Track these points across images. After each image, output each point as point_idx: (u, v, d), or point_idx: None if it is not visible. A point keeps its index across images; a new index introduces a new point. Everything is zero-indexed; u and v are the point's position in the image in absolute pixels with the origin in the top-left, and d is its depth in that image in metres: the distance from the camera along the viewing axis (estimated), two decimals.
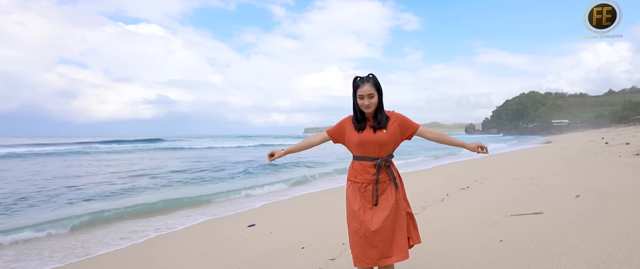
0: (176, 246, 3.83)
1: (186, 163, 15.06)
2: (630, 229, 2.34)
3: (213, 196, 7.03)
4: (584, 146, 13.07)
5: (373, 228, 1.65)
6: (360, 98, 1.72)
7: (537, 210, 3.31)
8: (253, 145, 32.62)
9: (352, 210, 1.73)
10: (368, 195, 1.73)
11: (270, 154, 1.86)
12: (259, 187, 8.04)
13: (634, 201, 3.12)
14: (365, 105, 1.71)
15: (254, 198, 6.90)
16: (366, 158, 1.74)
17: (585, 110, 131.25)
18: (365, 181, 1.73)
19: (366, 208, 1.72)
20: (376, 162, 1.72)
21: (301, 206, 5.71)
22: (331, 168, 12.67)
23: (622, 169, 5.32)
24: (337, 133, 1.85)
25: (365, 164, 1.74)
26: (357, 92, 1.73)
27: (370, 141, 1.71)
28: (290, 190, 7.73)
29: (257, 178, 10.07)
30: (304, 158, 18.28)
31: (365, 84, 1.71)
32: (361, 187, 1.74)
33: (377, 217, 1.69)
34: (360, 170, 1.75)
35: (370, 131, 1.73)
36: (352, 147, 1.80)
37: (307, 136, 1.94)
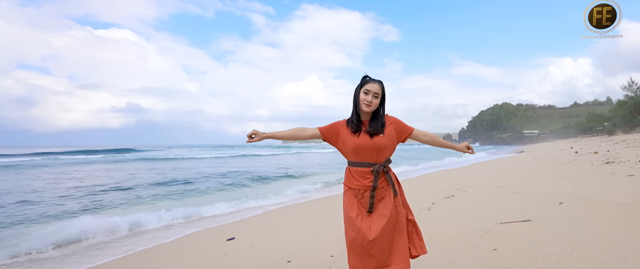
0: (147, 265, 3.52)
1: (159, 174, 14.35)
2: (618, 235, 2.39)
3: (189, 209, 6.67)
4: (556, 156, 13.77)
5: (371, 236, 1.57)
6: (366, 93, 1.65)
7: (524, 217, 3.34)
8: (230, 155, 31.51)
9: (349, 217, 1.65)
10: (366, 202, 1.66)
11: (250, 134, 1.67)
12: (238, 199, 7.75)
13: (616, 207, 3.23)
14: (367, 100, 1.64)
15: (233, 210, 6.61)
16: (363, 164, 1.66)
17: (553, 121, 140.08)
18: (363, 188, 1.66)
19: (364, 216, 1.64)
20: (374, 168, 1.64)
21: (285, 217, 5.52)
22: (316, 178, 12.54)
23: (598, 176, 5.58)
24: (329, 133, 1.75)
25: (362, 170, 1.66)
26: (363, 86, 1.66)
27: (367, 146, 1.64)
28: (273, 201, 7.50)
29: (237, 189, 9.74)
30: (287, 168, 18.02)
31: (375, 82, 1.66)
32: (358, 194, 1.67)
33: (375, 225, 1.61)
34: (357, 175, 1.67)
35: (366, 136, 1.66)
36: (347, 152, 1.71)
37: (293, 128, 1.80)
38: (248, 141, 1.66)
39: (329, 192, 8.48)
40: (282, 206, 6.79)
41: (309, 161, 22.74)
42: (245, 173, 14.60)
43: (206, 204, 6.89)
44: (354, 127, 1.67)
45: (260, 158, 27.92)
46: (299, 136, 1.76)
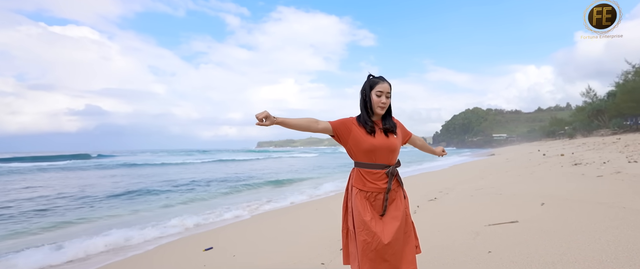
0: None
1: (120, 182, 13.48)
2: (605, 235, 2.48)
3: (159, 217, 6.28)
4: (526, 158, 14.57)
5: (386, 240, 1.52)
6: (378, 94, 1.60)
7: (510, 218, 3.43)
8: (202, 161, 29.91)
9: (363, 220, 1.56)
10: (378, 205, 1.61)
11: (261, 116, 1.43)
12: (212, 207, 7.43)
13: (595, 207, 3.40)
14: (381, 102, 1.60)
15: (210, 217, 6.30)
16: (376, 165, 1.61)
17: (520, 125, 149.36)
18: (376, 190, 1.60)
19: (376, 219, 1.58)
20: (388, 170, 1.61)
21: (267, 224, 5.32)
22: (295, 184, 12.36)
23: (570, 178, 5.92)
24: (341, 130, 1.63)
25: (375, 172, 1.61)
26: (375, 88, 1.60)
27: (384, 146, 1.60)
28: (254, 207, 7.25)
29: (215, 195, 9.35)
30: (264, 174, 17.65)
31: (384, 82, 1.62)
32: (371, 196, 1.61)
33: (388, 228, 1.56)
34: (369, 178, 1.61)
35: (382, 135, 1.61)
36: (358, 152, 1.63)
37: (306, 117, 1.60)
38: (258, 124, 1.44)
39: (310, 197, 8.36)
40: (264, 212, 6.58)
41: (285, 166, 22.47)
42: (219, 179, 14.12)
43: (175, 215, 6.53)
44: (369, 128, 1.61)
45: (234, 163, 27.08)
46: (311, 127, 1.59)
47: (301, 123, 1.57)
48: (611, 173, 5.73)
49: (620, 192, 4.02)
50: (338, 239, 3.65)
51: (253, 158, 34.90)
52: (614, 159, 8.28)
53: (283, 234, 4.36)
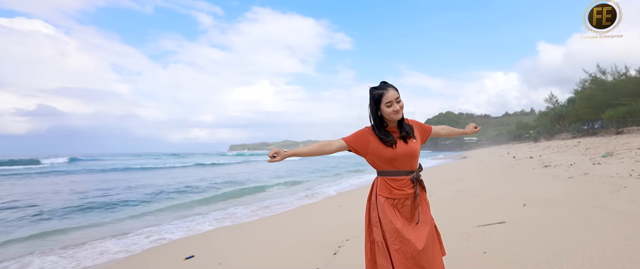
0: None
1: (74, 190, 12.62)
2: (589, 234, 2.66)
3: (130, 227, 5.94)
4: (498, 160, 15.38)
5: (420, 246, 1.52)
6: (389, 105, 1.58)
7: (497, 219, 3.58)
8: (172, 166, 28.24)
9: (395, 228, 1.55)
10: (405, 211, 1.62)
11: (271, 154, 1.54)
12: (196, 212, 7.15)
13: (574, 207, 3.64)
14: (395, 110, 1.58)
15: (190, 225, 6.04)
16: (400, 173, 1.62)
17: (489, 129, 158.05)
18: (403, 196, 1.61)
19: (407, 226, 1.59)
20: (412, 176, 1.62)
21: (255, 229, 5.18)
22: (273, 189, 12.18)
23: (544, 179, 6.31)
24: (357, 143, 1.64)
25: (400, 179, 1.61)
26: (383, 100, 1.58)
27: (405, 154, 1.60)
28: (235, 213, 7.04)
29: (193, 201, 8.98)
30: (237, 178, 17.26)
31: (389, 89, 1.59)
32: (398, 203, 1.61)
33: (420, 234, 1.57)
34: (394, 185, 1.61)
35: (402, 142, 1.62)
36: (381, 162, 1.63)
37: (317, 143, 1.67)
38: (270, 161, 1.55)
39: (291, 203, 8.28)
40: (249, 220, 6.41)
41: (258, 170, 22.13)
42: (195, 184, 13.63)
43: (151, 223, 6.21)
44: (389, 142, 1.60)
45: (203, 168, 26.05)
46: (325, 150, 1.63)
47: (314, 149, 1.62)
48: (580, 175, 6.18)
49: (593, 192, 4.34)
50: (329, 244, 3.63)
51: (234, 162, 34.01)
52: (579, 161, 8.95)
53: (270, 241, 4.27)
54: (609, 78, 30.53)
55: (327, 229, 4.52)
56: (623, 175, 5.49)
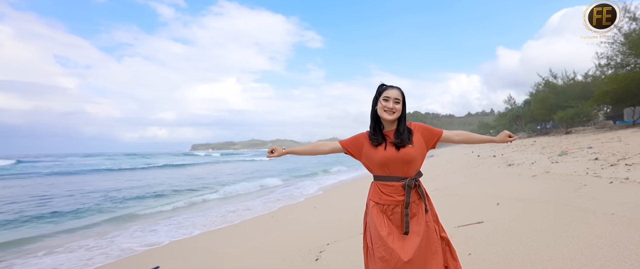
0: None
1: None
2: (565, 232, 2.81)
3: (80, 237, 5.42)
4: (464, 159, 16.19)
5: (405, 257, 1.46)
6: (386, 100, 1.60)
7: (475, 219, 3.69)
8: (131, 167, 25.96)
9: (379, 235, 1.52)
10: (396, 219, 1.56)
11: (270, 150, 1.72)
12: (158, 220, 6.69)
13: (544, 205, 3.85)
14: (389, 107, 1.59)
15: (150, 235, 5.64)
16: (392, 178, 1.57)
17: (452, 128, 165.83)
18: (393, 203, 1.56)
19: (395, 234, 1.53)
20: (405, 183, 1.55)
21: (226, 236, 4.93)
22: (252, 187, 11.84)
23: (510, 178, 6.69)
24: (352, 146, 1.69)
25: (391, 184, 1.57)
26: (382, 95, 1.62)
27: (395, 159, 1.56)
28: (199, 219, 6.70)
29: (153, 208, 8.41)
30: (200, 181, 16.60)
31: (393, 88, 1.63)
32: (388, 209, 1.57)
33: (408, 245, 1.50)
34: (384, 190, 1.58)
35: (392, 148, 1.58)
36: (373, 166, 1.62)
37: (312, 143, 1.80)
38: (268, 157, 1.71)
39: (265, 206, 8.06)
40: (214, 227, 6.11)
41: (217, 172, 21.47)
42: (155, 188, 12.88)
43: (107, 233, 5.72)
44: (376, 140, 1.61)
45: (157, 170, 24.35)
46: (319, 151, 1.74)
47: (309, 149, 1.75)
48: (542, 173, 6.63)
49: (558, 190, 4.64)
50: (309, 249, 3.53)
51: (184, 163, 32.49)
52: (539, 160, 9.65)
53: (245, 248, 4.07)
54: (559, 82, 33.43)
55: (306, 233, 4.42)
56: (580, 173, 5.95)
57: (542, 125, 39.34)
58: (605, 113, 35.56)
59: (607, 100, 23.64)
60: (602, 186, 4.51)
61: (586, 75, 30.95)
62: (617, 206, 3.36)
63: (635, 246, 2.30)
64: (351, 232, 4.01)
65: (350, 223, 4.57)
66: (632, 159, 6.54)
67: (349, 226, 4.39)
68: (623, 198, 3.66)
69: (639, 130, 14.33)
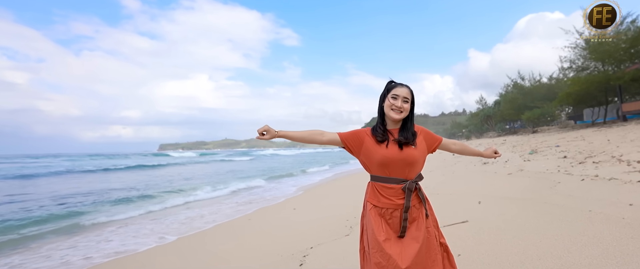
0: None
1: None
2: (549, 230, 2.85)
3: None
4: (440, 158, 16.65)
5: (403, 264, 1.40)
6: (394, 98, 1.52)
7: (459, 218, 3.71)
8: (90, 170, 24.69)
9: (376, 241, 1.44)
10: (395, 223, 1.49)
11: (261, 131, 1.53)
12: (118, 228, 6.24)
13: (525, 203, 3.95)
14: (397, 106, 1.51)
15: (107, 245, 5.24)
16: (392, 180, 1.49)
17: (427, 128, 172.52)
18: (392, 206, 1.49)
19: (393, 240, 1.46)
20: (405, 185, 1.48)
21: (199, 242, 4.65)
22: (208, 196, 11.44)
23: (487, 176, 6.89)
24: (352, 141, 1.57)
25: (390, 187, 1.49)
26: (391, 92, 1.54)
27: (397, 159, 1.48)
28: (167, 224, 6.33)
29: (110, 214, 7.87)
30: (163, 185, 15.98)
31: (403, 87, 1.55)
32: (386, 213, 1.49)
33: (407, 251, 1.43)
34: (384, 192, 1.50)
35: (395, 147, 1.50)
36: (372, 165, 1.53)
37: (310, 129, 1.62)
38: (259, 138, 1.52)
39: (237, 211, 7.79)
40: (185, 234, 5.79)
41: (187, 173, 20.78)
42: (111, 192, 12.17)
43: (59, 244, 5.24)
44: (380, 135, 1.53)
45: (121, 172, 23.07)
46: (315, 139, 1.59)
47: (304, 135, 1.59)
48: (517, 171, 6.88)
49: (534, 188, 4.80)
50: (292, 253, 3.38)
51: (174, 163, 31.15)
52: (511, 158, 10.06)
53: (220, 255, 3.85)
54: (526, 84, 35.38)
55: (287, 236, 4.26)
56: (552, 170, 6.23)
57: (511, 125, 41.47)
58: (567, 114, 38.08)
59: (570, 101, 25.27)
60: (575, 183, 4.71)
61: (551, 77, 33.01)
62: (593, 203, 3.49)
63: (617, 243, 2.36)
64: (335, 234, 3.90)
65: (333, 224, 4.47)
66: (598, 157, 6.94)
67: (332, 227, 4.29)
68: (596, 195, 3.81)
69: (599, 130, 15.41)
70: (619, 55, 18.29)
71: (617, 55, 18.28)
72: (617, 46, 17.95)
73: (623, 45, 17.81)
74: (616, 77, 17.97)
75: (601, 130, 15.11)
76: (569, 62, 23.07)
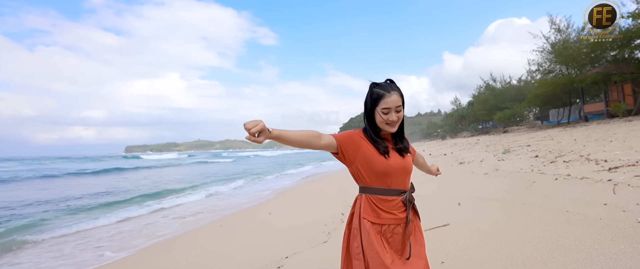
0: None
1: None
2: (531, 233, 2.82)
3: None
4: None
5: None
6: (385, 112, 1.31)
7: (440, 222, 3.63)
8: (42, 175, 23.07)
9: (383, 264, 1.26)
10: (395, 241, 1.34)
11: (255, 130, 1.09)
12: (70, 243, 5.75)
13: (504, 204, 3.94)
14: (391, 121, 1.32)
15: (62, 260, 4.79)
16: (392, 191, 1.34)
17: (404, 128, 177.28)
18: (394, 222, 1.34)
19: (398, 261, 1.31)
20: (405, 197, 1.35)
21: (165, 253, 4.30)
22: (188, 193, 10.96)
23: (464, 176, 6.96)
24: (348, 146, 1.34)
25: (391, 199, 1.34)
26: (380, 104, 1.31)
27: (400, 168, 1.35)
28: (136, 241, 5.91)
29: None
30: (126, 190, 15.27)
31: (392, 93, 1.31)
32: (387, 230, 1.33)
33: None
34: (385, 207, 1.33)
35: (396, 154, 1.37)
36: (370, 175, 1.34)
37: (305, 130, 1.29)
38: (252, 140, 1.12)
39: (207, 216, 7.43)
40: (148, 243, 5.41)
41: (155, 176, 19.97)
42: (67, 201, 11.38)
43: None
44: (381, 148, 1.35)
45: (78, 178, 21.88)
46: (312, 143, 1.29)
47: (300, 138, 1.28)
48: (493, 171, 7.01)
49: (511, 188, 4.85)
50: (265, 265, 3.15)
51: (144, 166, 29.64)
52: (486, 158, 10.32)
53: (186, 265, 3.55)
54: (498, 85, 36.97)
55: (261, 244, 4.02)
56: (526, 170, 6.38)
57: (483, 125, 43.17)
58: (534, 114, 40.17)
59: (538, 102, 26.64)
60: (549, 183, 4.80)
61: (520, 80, 34.69)
62: (569, 203, 3.52)
63: (599, 246, 2.34)
64: (312, 242, 3.71)
65: (309, 230, 4.28)
66: (567, 156, 7.21)
67: (308, 234, 4.09)
68: (571, 195, 3.87)
69: (564, 129, 16.27)
70: (581, 59, 19.42)
71: (580, 59, 19.40)
72: (580, 51, 19.06)
73: (584, 50, 18.93)
74: (579, 79, 19.05)
75: (567, 129, 15.95)
76: (536, 65, 24.28)
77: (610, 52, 18.76)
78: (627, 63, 18.60)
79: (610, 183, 4.07)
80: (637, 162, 5.11)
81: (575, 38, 19.87)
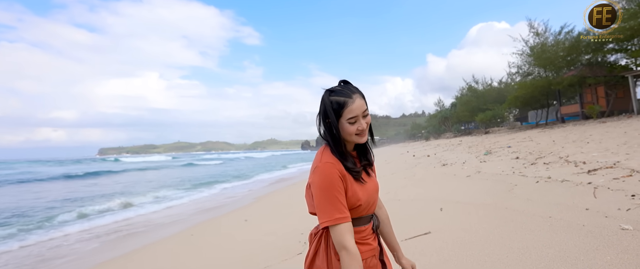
0: None
1: None
2: (514, 242, 2.70)
3: None
4: (401, 159, 16.95)
5: None
6: (352, 121, 1.07)
7: (421, 229, 3.49)
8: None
9: None
10: None
11: None
12: None
13: (486, 210, 3.84)
14: (361, 129, 1.09)
15: None
16: (364, 219, 1.16)
17: (389, 129, 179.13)
18: (370, 254, 1.16)
19: None
20: (374, 223, 1.19)
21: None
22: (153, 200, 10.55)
23: (446, 179, 6.90)
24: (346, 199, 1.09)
25: (364, 229, 1.15)
26: (344, 114, 1.06)
27: (373, 191, 1.17)
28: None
29: None
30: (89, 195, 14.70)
31: (354, 97, 1.07)
32: (367, 263, 1.14)
33: None
34: (360, 238, 1.13)
35: (365, 174, 1.17)
36: (351, 208, 1.10)
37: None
38: None
39: (179, 224, 7.10)
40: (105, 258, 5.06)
41: (126, 181, 19.32)
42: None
43: None
44: (355, 172, 1.10)
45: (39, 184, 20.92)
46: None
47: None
48: (475, 173, 6.98)
49: (493, 192, 4.78)
50: None
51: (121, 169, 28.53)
52: (468, 159, 10.37)
53: None
54: (480, 87, 37.80)
55: (231, 257, 3.77)
56: (508, 172, 6.37)
57: (466, 126, 44.07)
58: (514, 115, 41.30)
59: (518, 103, 27.31)
60: (531, 186, 4.76)
61: (500, 82, 35.60)
62: (551, 208, 3.45)
63: (585, 257, 2.23)
64: (286, 253, 3.50)
65: (285, 240, 4.06)
66: (547, 158, 7.28)
67: (283, 244, 3.87)
68: (553, 199, 3.81)
69: (543, 131, 16.68)
70: (558, 62, 20.05)
71: (557, 62, 20.02)
72: (556, 54, 19.67)
73: (561, 53, 19.54)
74: (556, 82, 19.65)
75: (545, 131, 16.36)
76: (516, 68, 24.92)
77: (584, 56, 19.49)
78: (600, 66, 19.35)
79: (591, 186, 4.05)
80: (614, 164, 5.15)
81: (553, 41, 20.51)
